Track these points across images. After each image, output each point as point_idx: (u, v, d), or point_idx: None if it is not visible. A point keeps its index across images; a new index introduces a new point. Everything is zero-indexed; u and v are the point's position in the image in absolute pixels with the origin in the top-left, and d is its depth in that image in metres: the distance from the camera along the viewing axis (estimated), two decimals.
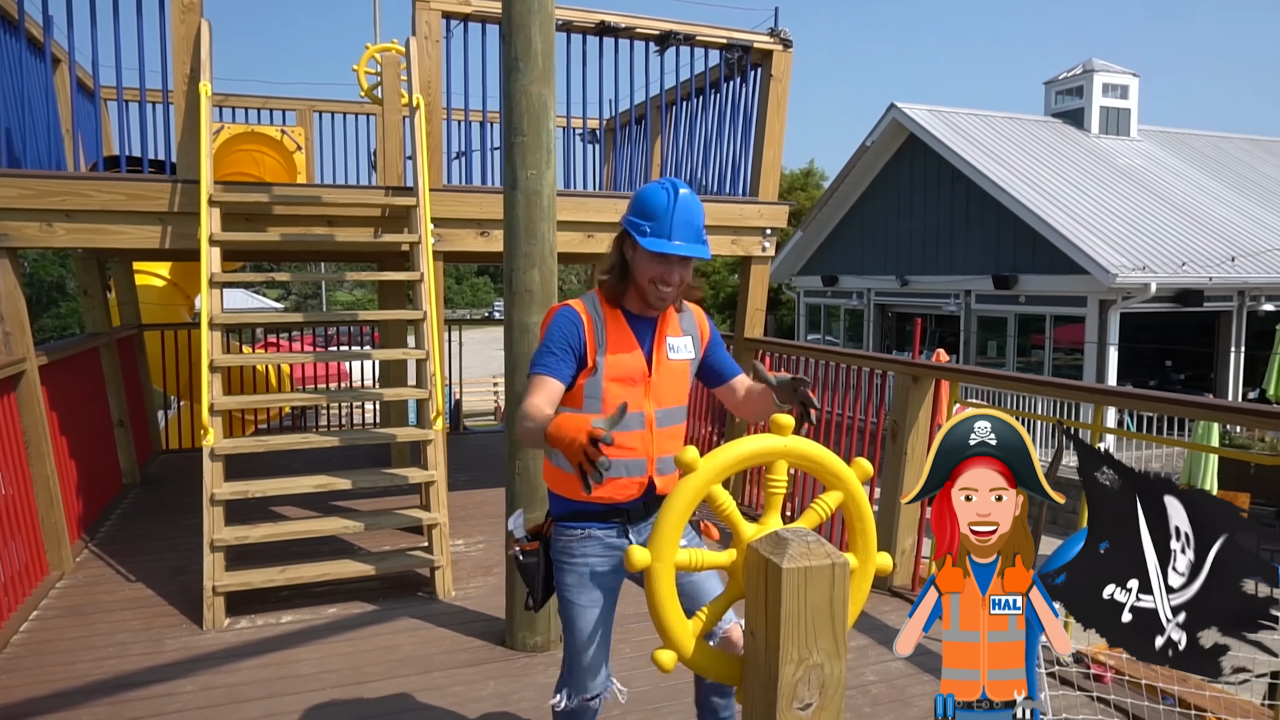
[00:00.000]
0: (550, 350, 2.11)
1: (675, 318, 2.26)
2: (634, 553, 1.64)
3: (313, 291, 59.73)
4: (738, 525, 1.75)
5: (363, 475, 4.38)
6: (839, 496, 1.81)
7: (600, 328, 2.16)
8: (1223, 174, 18.15)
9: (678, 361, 2.23)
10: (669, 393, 2.22)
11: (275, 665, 3.55)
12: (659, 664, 1.68)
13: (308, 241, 4.61)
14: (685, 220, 2.08)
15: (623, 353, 2.16)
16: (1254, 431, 11.30)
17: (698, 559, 1.73)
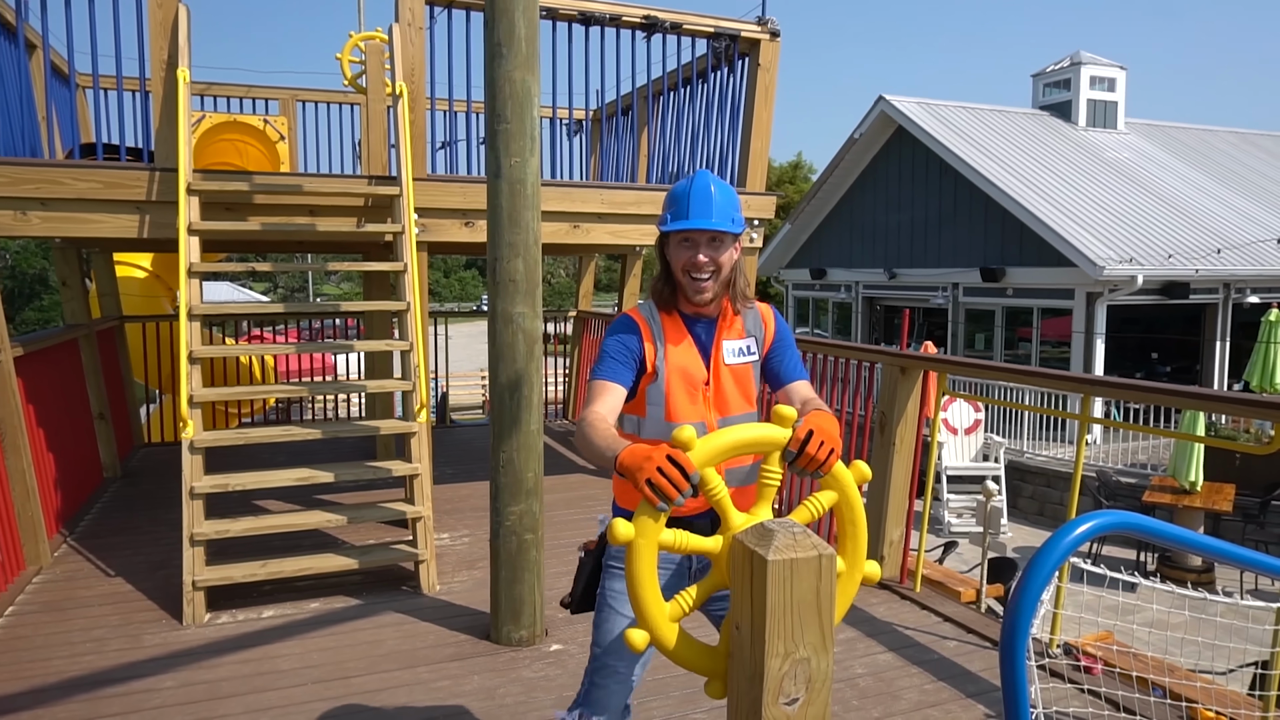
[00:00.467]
0: (610, 356, 2.05)
1: (738, 321, 2.15)
2: (617, 525, 1.59)
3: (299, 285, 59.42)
4: (727, 513, 1.70)
5: (345, 468, 4.33)
6: (833, 497, 1.77)
7: (657, 329, 2.09)
8: (1209, 167, 18.23)
9: (738, 365, 2.13)
10: (733, 399, 2.12)
11: (256, 660, 3.49)
12: (629, 643, 1.63)
13: (289, 231, 4.53)
14: (703, 199, 2.02)
15: (682, 353, 2.08)
16: (1239, 422, 11.36)
17: (682, 540, 1.68)
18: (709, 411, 2.09)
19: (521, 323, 3.50)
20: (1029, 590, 1.66)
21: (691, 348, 2.10)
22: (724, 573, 1.71)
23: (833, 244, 19.55)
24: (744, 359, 2.14)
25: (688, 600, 1.70)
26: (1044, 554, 1.68)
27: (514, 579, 3.60)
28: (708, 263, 2.04)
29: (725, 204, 2.04)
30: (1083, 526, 1.71)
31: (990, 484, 5.99)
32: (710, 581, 1.73)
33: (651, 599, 1.65)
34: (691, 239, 2.03)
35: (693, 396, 2.07)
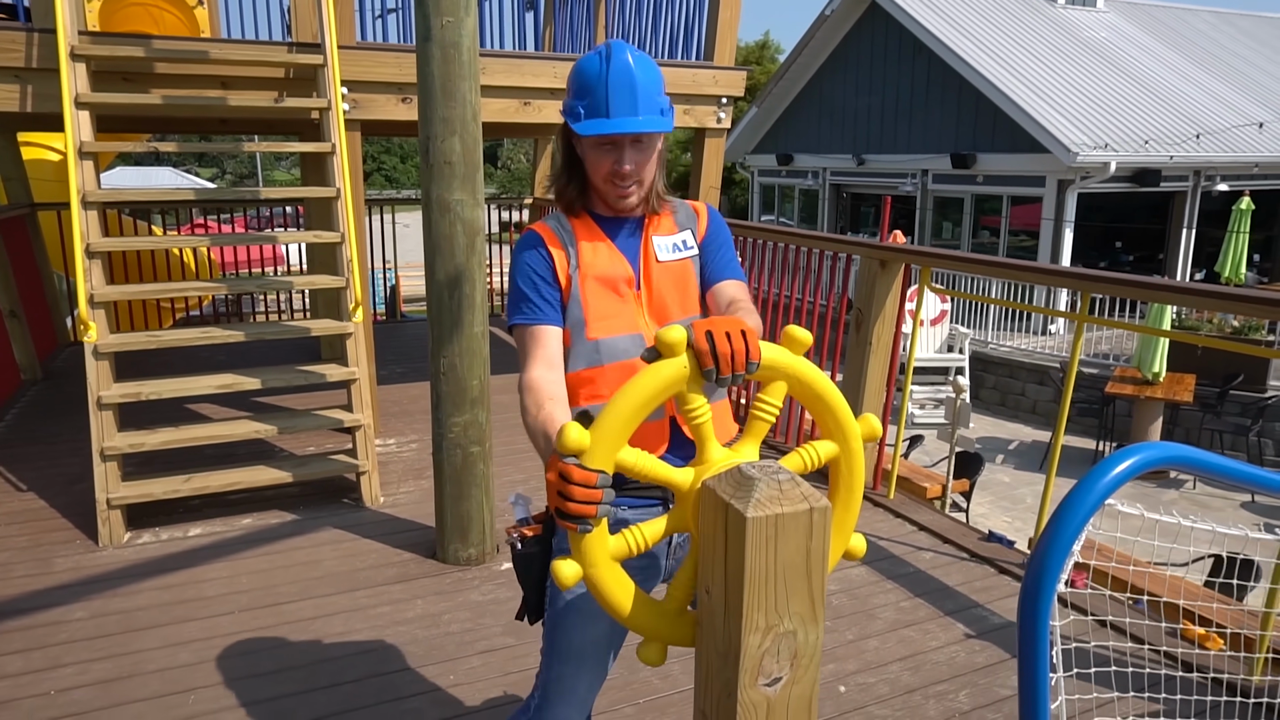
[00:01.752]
0: (522, 292, 1.65)
1: (666, 218, 1.77)
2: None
3: (249, 171, 56.91)
4: (705, 442, 1.37)
5: (274, 373, 3.94)
6: (833, 450, 1.43)
7: (567, 236, 1.68)
8: (1187, 49, 17.69)
9: (673, 262, 1.72)
10: (673, 303, 1.70)
11: (179, 586, 3.20)
12: (556, 576, 1.28)
13: (199, 106, 3.98)
14: (625, 88, 1.57)
15: (598, 253, 1.69)
16: (1202, 313, 11.32)
17: (645, 465, 1.33)
18: (641, 316, 1.68)
19: (460, 211, 3.08)
20: (1056, 545, 1.38)
21: (611, 248, 1.70)
22: (689, 515, 1.39)
23: (800, 128, 18.87)
24: (680, 254, 1.73)
25: (639, 539, 1.35)
26: (1076, 500, 1.39)
27: (460, 495, 3.31)
28: (633, 171, 1.62)
29: (651, 90, 1.59)
30: (1122, 465, 1.41)
31: (960, 380, 5.81)
32: (672, 520, 1.40)
33: (640, 608, 1.36)
34: (613, 141, 1.61)
35: (619, 301, 1.67)
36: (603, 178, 1.64)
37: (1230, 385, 9.77)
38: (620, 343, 1.66)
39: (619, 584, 1.35)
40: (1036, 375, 11.46)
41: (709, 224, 1.80)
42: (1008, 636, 2.88)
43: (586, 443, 1.26)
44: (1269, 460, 9.86)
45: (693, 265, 1.75)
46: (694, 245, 1.76)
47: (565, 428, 1.24)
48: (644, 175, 1.65)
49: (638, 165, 1.63)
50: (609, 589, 1.34)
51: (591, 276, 1.66)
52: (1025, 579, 1.42)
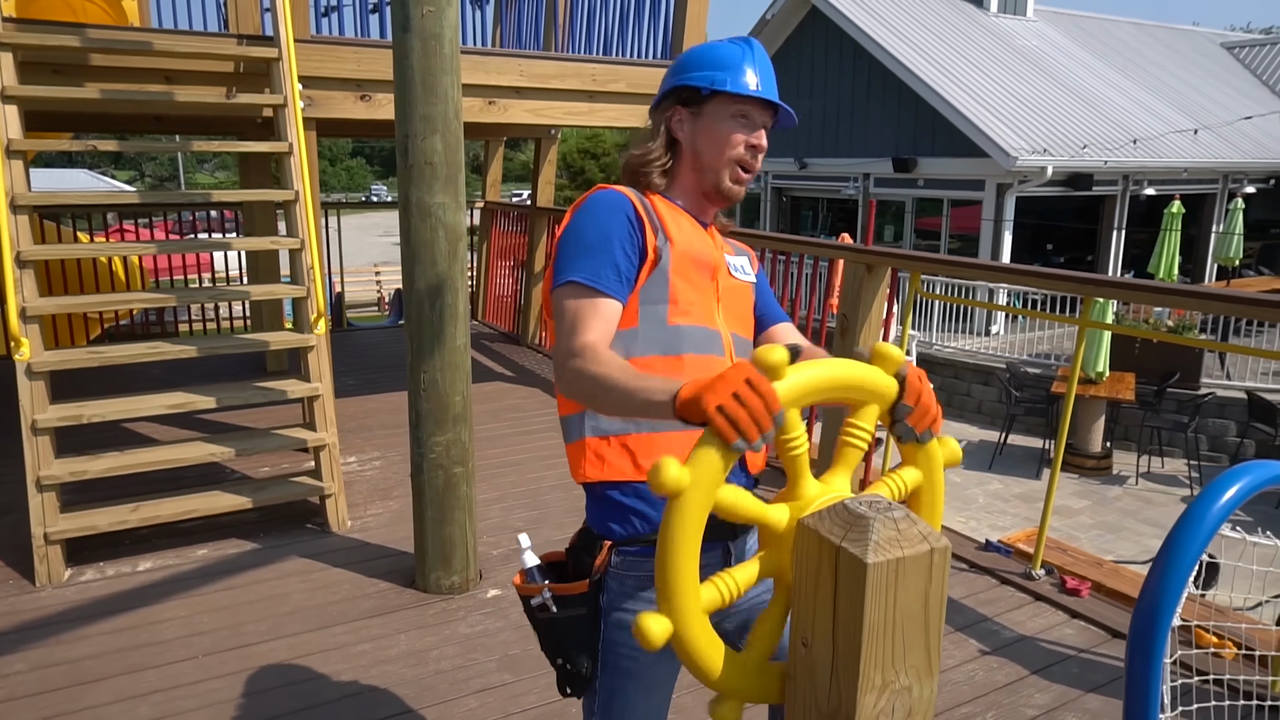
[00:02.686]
0: (597, 252, 1.39)
1: (724, 238, 1.68)
2: (666, 465, 1.05)
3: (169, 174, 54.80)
4: (800, 477, 1.21)
5: (230, 390, 3.65)
6: (917, 477, 1.29)
7: (648, 209, 1.48)
8: (1111, 58, 18.30)
9: (739, 281, 1.59)
10: (738, 317, 1.57)
11: (131, 629, 2.90)
12: (642, 636, 1.09)
13: (141, 102, 3.67)
14: (769, 72, 1.55)
15: (687, 232, 1.51)
16: (1138, 312, 11.66)
17: (741, 504, 1.16)
18: (719, 315, 1.50)
19: (442, 215, 2.87)
20: (1172, 580, 1.26)
21: (697, 227, 1.54)
22: (784, 556, 1.23)
23: None
24: (745, 277, 1.61)
25: (731, 586, 1.18)
26: (1188, 529, 1.28)
27: (443, 519, 3.09)
28: (764, 150, 1.54)
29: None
30: (1232, 490, 1.31)
31: None
32: (767, 564, 1.24)
33: (687, 575, 1.15)
34: (750, 117, 1.51)
35: (703, 289, 1.49)
36: (732, 157, 1.51)
37: (1167, 384, 10.06)
38: (700, 333, 1.46)
39: (709, 641, 1.18)
40: (981, 376, 11.64)
41: (759, 264, 1.72)
42: (1022, 651, 2.80)
43: (784, 371, 1.11)
44: (1205, 455, 10.18)
45: (752, 293, 1.63)
46: (751, 274, 1.64)
47: (774, 348, 1.09)
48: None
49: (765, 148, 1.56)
50: (699, 647, 1.17)
51: (684, 253, 1.47)
52: (1138, 617, 1.30)
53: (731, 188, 1.53)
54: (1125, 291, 2.94)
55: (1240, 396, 9.99)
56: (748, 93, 1.49)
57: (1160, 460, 10.20)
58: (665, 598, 1.13)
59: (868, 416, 1.25)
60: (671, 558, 1.12)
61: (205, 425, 4.76)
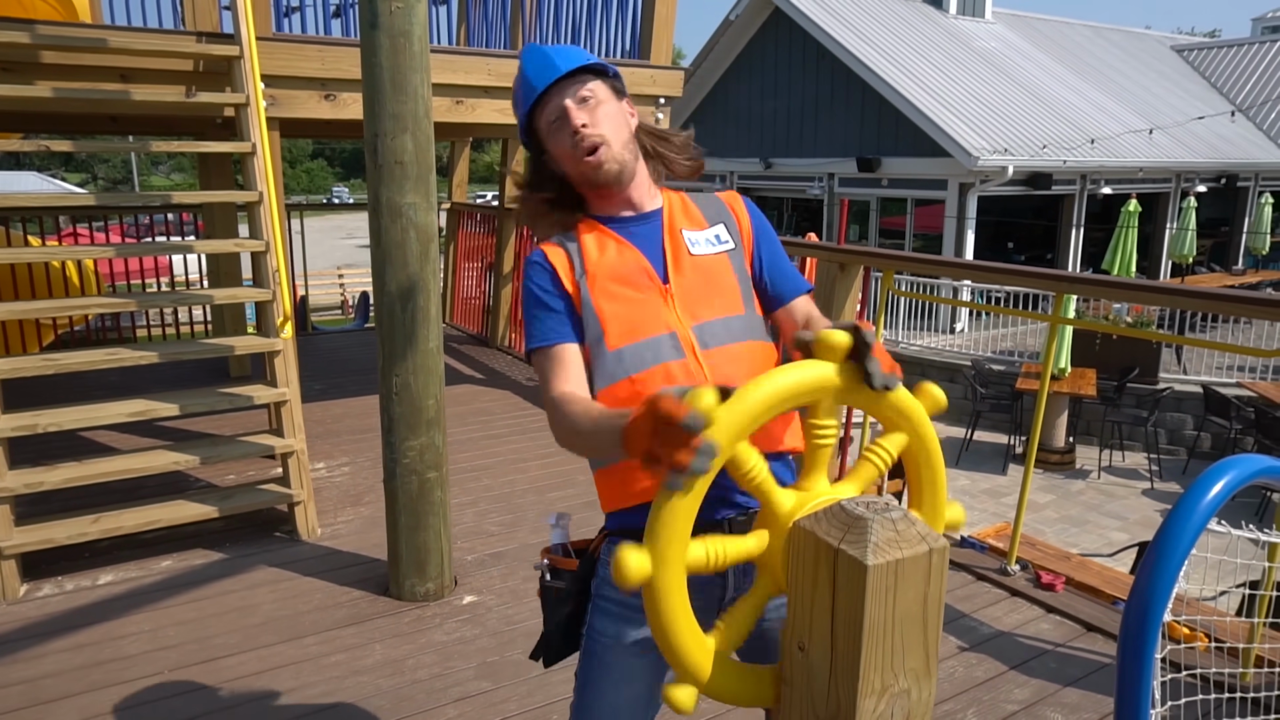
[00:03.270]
0: (532, 313, 1.47)
1: (690, 206, 1.56)
2: (625, 559, 1.05)
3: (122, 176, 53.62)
4: (772, 497, 1.19)
5: (194, 397, 3.56)
6: (902, 440, 1.25)
7: (568, 240, 1.51)
8: (1068, 60, 18.64)
9: (707, 256, 1.50)
10: (708, 299, 1.46)
11: (93, 646, 2.81)
12: (674, 706, 1.13)
13: (96, 101, 3.56)
14: (539, 59, 1.48)
15: (609, 253, 1.48)
16: (1098, 309, 11.88)
17: (719, 552, 1.15)
18: (671, 313, 1.44)
19: (414, 216, 2.81)
20: (1163, 578, 1.26)
21: (620, 241, 1.50)
22: (778, 576, 1.21)
23: (707, 133, 18.89)
24: (711, 249, 1.51)
25: (719, 553, 1.16)
26: (1176, 528, 1.28)
27: (417, 525, 3.03)
28: (589, 125, 1.44)
29: (568, 51, 1.49)
30: (1218, 485, 1.31)
31: None
32: (759, 592, 1.22)
33: (691, 639, 1.14)
34: (558, 111, 1.46)
35: (640, 298, 1.44)
36: (571, 159, 1.47)
37: (1127, 379, 10.25)
38: (648, 349, 1.42)
39: (680, 601, 1.14)
40: (947, 373, 11.78)
41: (751, 219, 1.57)
42: (1000, 647, 2.82)
43: (714, 411, 1.07)
44: (1164, 449, 10.39)
45: (730, 261, 1.52)
46: (730, 240, 1.53)
47: (698, 391, 1.05)
48: (603, 130, 1.45)
49: (591, 120, 1.45)
50: (668, 602, 1.13)
51: (601, 275, 1.45)
52: (1128, 616, 1.29)
53: (599, 173, 1.46)
54: (1093, 288, 2.97)
55: (1197, 391, 10.22)
56: (535, 98, 1.47)
57: (1121, 454, 10.40)
58: (653, 539, 1.10)
59: (827, 412, 1.21)
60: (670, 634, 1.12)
61: (170, 433, 4.64)
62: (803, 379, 1.15)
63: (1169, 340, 3.18)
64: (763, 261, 1.55)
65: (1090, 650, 2.81)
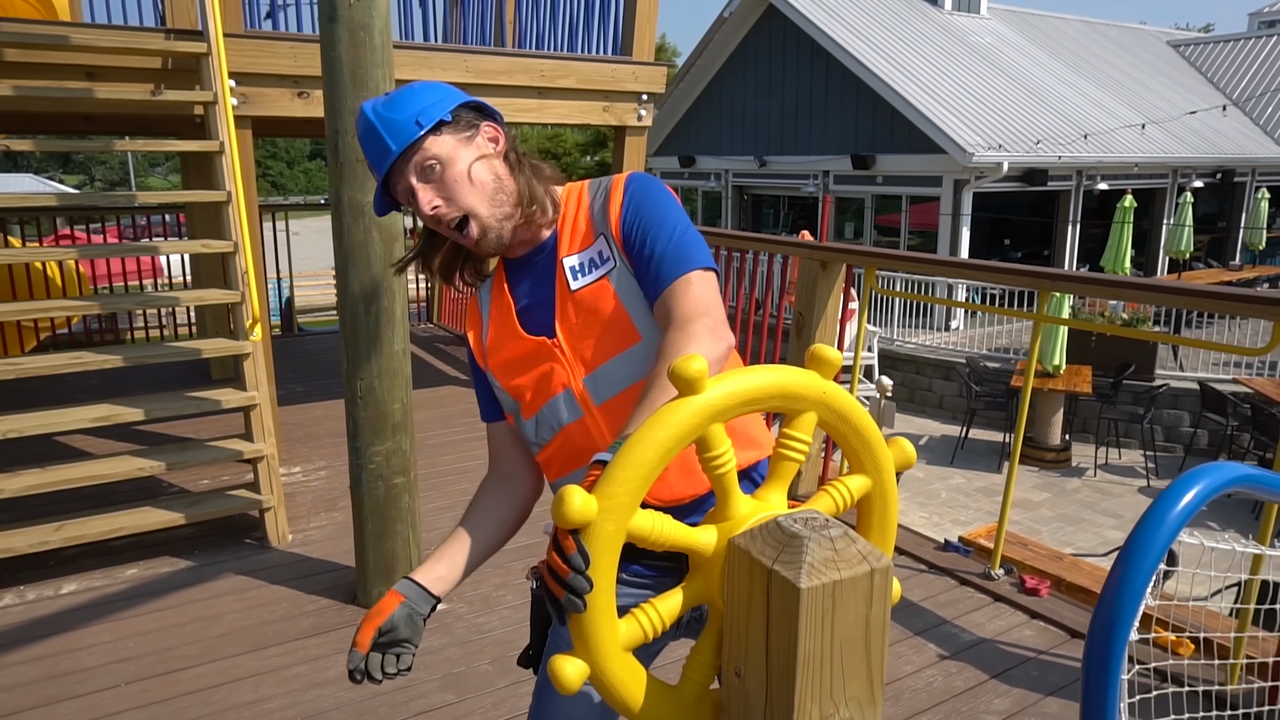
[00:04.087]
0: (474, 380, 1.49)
1: (580, 216, 1.36)
2: (571, 496, 0.95)
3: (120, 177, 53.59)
4: (732, 493, 1.11)
5: (159, 402, 3.48)
6: (865, 484, 1.18)
7: (485, 304, 1.44)
8: (1063, 55, 18.57)
9: (586, 289, 1.32)
10: (596, 340, 1.31)
11: (50, 658, 2.73)
12: (556, 678, 0.99)
13: (56, 98, 3.48)
14: (374, 139, 1.28)
15: (497, 323, 1.40)
16: (1094, 305, 11.80)
17: (661, 530, 1.05)
18: (564, 367, 1.32)
19: (375, 214, 2.73)
20: (1127, 593, 1.19)
21: (509, 309, 1.38)
22: (713, 581, 1.14)
23: (702, 131, 18.90)
24: (593, 275, 1.32)
25: (654, 620, 1.07)
26: (1142, 543, 1.20)
27: (383, 531, 2.96)
28: (443, 205, 1.28)
29: (396, 115, 1.28)
30: (1190, 493, 1.24)
31: (884, 380, 5.77)
32: (690, 591, 1.14)
33: (602, 613, 1.03)
34: (407, 194, 1.29)
35: (533, 363, 1.34)
36: (448, 234, 1.33)
37: (1123, 375, 10.18)
38: (551, 413, 1.35)
39: (631, 677, 1.08)
40: (942, 371, 11.71)
41: (624, 210, 1.32)
42: (981, 655, 2.74)
43: (593, 513, 0.99)
44: (1160, 446, 10.32)
45: (610, 285, 1.31)
46: (610, 256, 1.32)
47: (568, 493, 0.96)
48: (462, 201, 1.28)
49: (444, 199, 1.28)
50: (620, 686, 1.07)
51: (496, 354, 1.40)
52: (1092, 637, 1.22)
53: (479, 248, 1.34)
54: (1079, 285, 2.90)
55: (1193, 387, 10.15)
56: (381, 215, 1.37)
57: (1118, 451, 10.33)
58: (579, 638, 1.03)
59: (804, 426, 1.14)
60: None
61: (144, 437, 4.57)
62: (795, 384, 1.07)
63: (1153, 339, 3.11)
64: (633, 255, 1.31)
65: (1073, 658, 2.74)
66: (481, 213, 1.30)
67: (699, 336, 1.18)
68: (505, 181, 1.32)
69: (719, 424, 1.04)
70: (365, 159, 1.39)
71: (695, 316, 1.21)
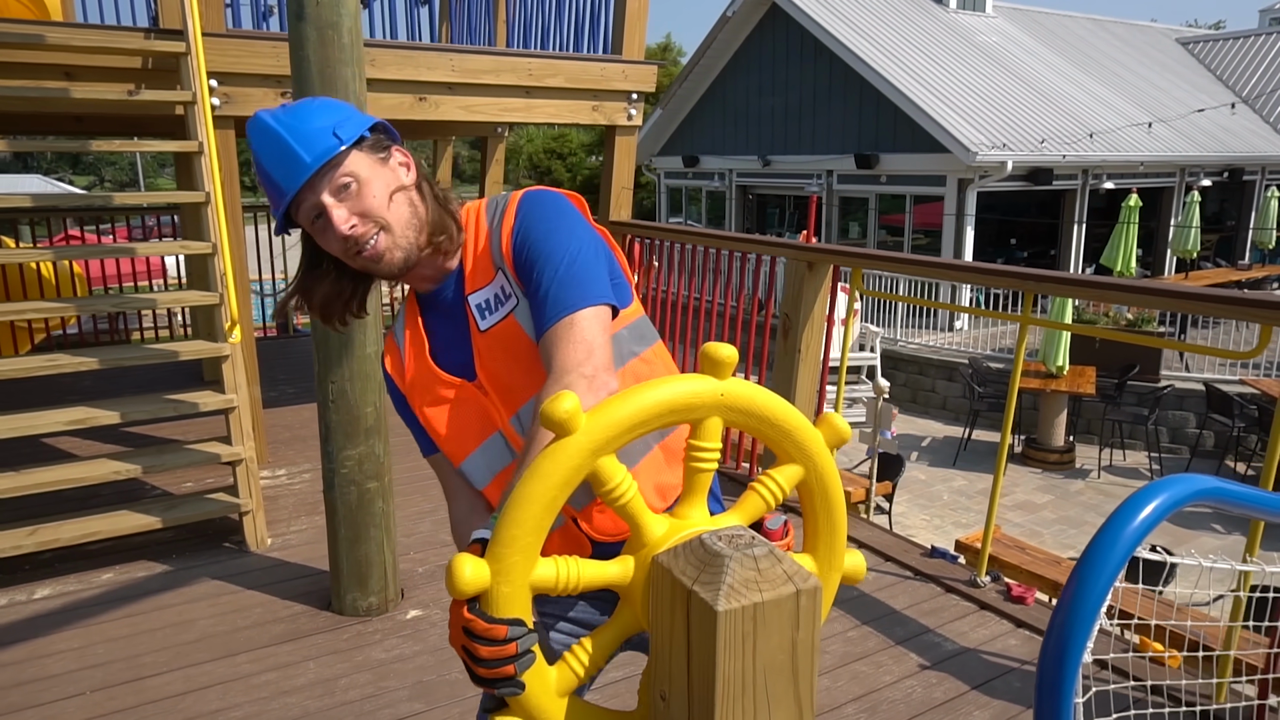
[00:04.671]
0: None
1: (479, 246, 1.29)
2: (460, 566, 0.91)
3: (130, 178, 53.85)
4: (641, 520, 1.06)
5: (137, 404, 3.45)
6: (797, 473, 1.10)
7: (401, 351, 1.37)
8: (1070, 54, 18.43)
9: (493, 329, 1.27)
10: (516, 378, 1.26)
11: (17, 664, 2.70)
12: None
13: (30, 98, 3.46)
14: (278, 151, 1.19)
15: (417, 365, 1.34)
16: (1099, 306, 11.69)
17: (572, 575, 1.02)
18: (494, 408, 1.29)
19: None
20: (1081, 607, 1.13)
21: (422, 350, 1.33)
22: (637, 609, 1.09)
23: (705, 130, 18.83)
24: (497, 315, 1.27)
25: (583, 660, 1.04)
26: (1101, 551, 1.15)
27: (356, 537, 2.91)
28: (359, 223, 1.21)
29: (307, 126, 1.20)
30: (1149, 508, 1.18)
31: (881, 381, 5.70)
32: (618, 625, 1.10)
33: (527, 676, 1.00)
34: (316, 209, 1.21)
35: (457, 407, 1.31)
36: (350, 257, 1.24)
37: (1127, 376, 10.07)
38: (482, 458, 1.32)
39: (575, 715, 1.04)
40: (945, 371, 11.62)
41: (513, 240, 1.25)
42: (963, 665, 2.68)
43: (487, 579, 0.94)
44: (1165, 447, 10.21)
45: (516, 322, 1.26)
46: (511, 292, 1.26)
47: (456, 563, 0.91)
48: (377, 218, 1.22)
49: (360, 213, 1.21)
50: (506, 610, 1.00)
51: (419, 395, 1.34)
52: (1044, 657, 1.16)
53: (382, 270, 1.25)
54: (1062, 287, 2.84)
55: (1199, 388, 10.03)
56: (280, 212, 1.22)
57: (1122, 453, 10.23)
58: (495, 549, 0.95)
59: (709, 433, 1.05)
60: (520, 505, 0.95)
61: (131, 439, 4.54)
62: (683, 394, 1.00)
63: (1143, 341, 3.04)
64: (531, 292, 1.23)
65: None
66: (395, 228, 1.23)
67: (574, 390, 1.10)
68: (419, 211, 1.26)
69: (607, 456, 0.98)
70: (260, 174, 1.22)
71: (571, 368, 1.15)
